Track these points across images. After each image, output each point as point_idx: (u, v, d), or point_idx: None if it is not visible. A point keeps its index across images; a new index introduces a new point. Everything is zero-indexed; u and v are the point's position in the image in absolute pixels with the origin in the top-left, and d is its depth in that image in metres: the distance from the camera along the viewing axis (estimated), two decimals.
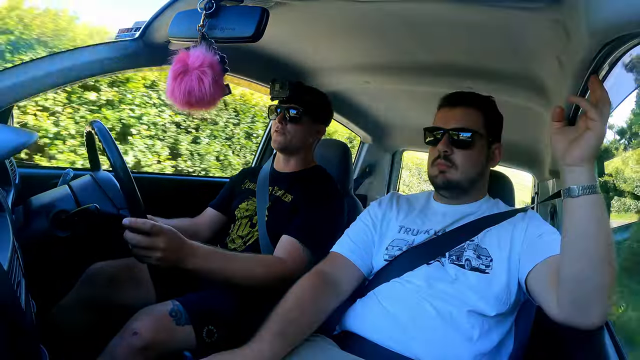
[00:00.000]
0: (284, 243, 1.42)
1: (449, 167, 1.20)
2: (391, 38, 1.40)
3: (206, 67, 0.91)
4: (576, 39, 0.86)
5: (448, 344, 1.03)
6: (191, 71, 0.91)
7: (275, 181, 1.64)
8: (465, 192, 1.24)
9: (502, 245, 1.12)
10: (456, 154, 1.20)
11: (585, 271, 0.86)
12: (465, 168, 1.20)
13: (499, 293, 1.07)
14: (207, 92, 0.91)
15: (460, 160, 1.20)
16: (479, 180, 1.25)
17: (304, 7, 1.22)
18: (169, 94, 0.94)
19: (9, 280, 0.69)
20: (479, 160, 1.23)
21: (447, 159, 1.20)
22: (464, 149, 1.20)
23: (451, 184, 1.21)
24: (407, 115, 2.44)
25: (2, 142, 0.92)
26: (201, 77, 0.91)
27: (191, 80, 0.91)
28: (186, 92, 0.91)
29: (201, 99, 0.92)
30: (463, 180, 1.21)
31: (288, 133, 1.60)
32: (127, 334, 1.13)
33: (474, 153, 1.21)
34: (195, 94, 0.91)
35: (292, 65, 1.82)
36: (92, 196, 1.25)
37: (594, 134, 0.83)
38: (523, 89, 1.53)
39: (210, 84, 0.91)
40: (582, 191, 0.85)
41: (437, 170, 1.22)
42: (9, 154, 1.03)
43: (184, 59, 0.92)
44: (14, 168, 1.21)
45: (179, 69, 0.92)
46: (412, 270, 1.14)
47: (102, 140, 1.16)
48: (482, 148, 1.23)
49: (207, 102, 0.93)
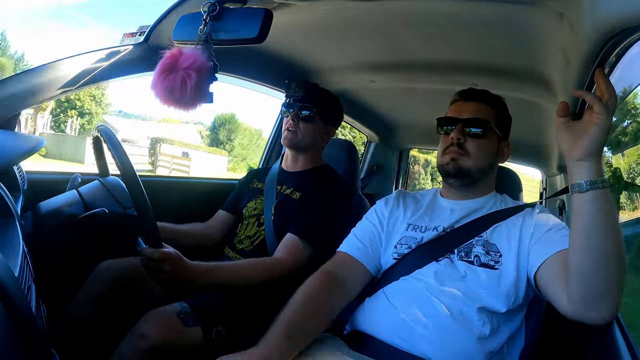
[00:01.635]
0: (286, 241, 1.44)
1: (461, 154, 1.20)
2: (395, 36, 1.39)
3: (192, 70, 0.90)
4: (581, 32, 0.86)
5: (458, 341, 1.02)
6: (177, 70, 0.91)
7: (283, 180, 1.65)
8: (473, 184, 1.23)
9: (511, 240, 1.11)
10: (469, 143, 1.20)
11: (595, 266, 0.86)
12: (477, 156, 1.20)
13: (508, 289, 1.06)
14: (187, 94, 0.91)
15: (473, 148, 1.20)
16: (488, 173, 1.25)
17: (307, 7, 1.22)
18: (152, 86, 0.94)
19: (19, 286, 0.69)
20: (491, 151, 1.23)
21: (460, 146, 1.20)
22: (477, 138, 1.21)
23: (462, 171, 1.21)
24: (413, 113, 2.45)
25: (11, 149, 0.93)
26: (185, 79, 0.90)
27: (175, 80, 0.90)
28: (167, 89, 0.91)
29: (180, 101, 0.92)
30: (474, 168, 1.20)
31: (299, 131, 1.61)
32: (135, 336, 1.14)
33: (486, 143, 1.21)
34: (176, 94, 0.91)
35: (297, 65, 1.83)
36: (100, 200, 1.25)
37: (600, 128, 0.82)
38: (528, 84, 1.53)
39: (192, 87, 0.90)
40: (589, 186, 0.85)
41: (449, 158, 1.21)
42: (18, 160, 1.04)
43: (175, 57, 0.92)
44: (22, 174, 1.22)
45: (167, 65, 0.92)
46: (421, 268, 1.13)
47: (110, 144, 1.17)
48: (494, 141, 1.23)
49: (185, 104, 0.93)
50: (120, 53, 1.29)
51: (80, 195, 1.25)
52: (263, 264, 1.38)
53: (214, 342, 1.24)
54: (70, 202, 1.23)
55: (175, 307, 1.23)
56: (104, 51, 1.28)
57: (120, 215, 1.25)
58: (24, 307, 0.65)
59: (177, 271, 1.17)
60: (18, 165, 1.20)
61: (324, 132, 1.68)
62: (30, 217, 1.16)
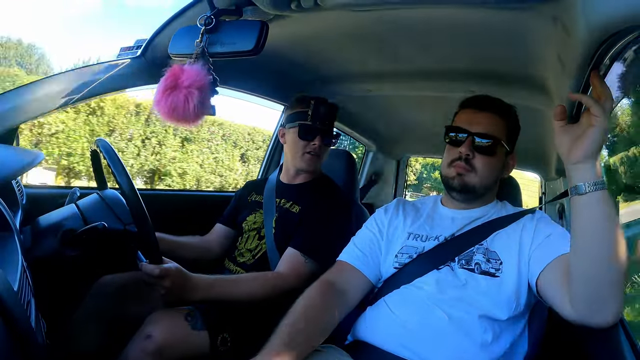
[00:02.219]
0: (287, 256, 1.42)
1: (468, 170, 1.18)
2: (390, 45, 1.40)
3: (194, 89, 0.92)
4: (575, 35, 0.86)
5: (460, 349, 1.02)
6: (180, 89, 0.92)
7: (282, 193, 1.64)
8: (477, 198, 1.23)
9: (511, 247, 1.11)
10: (477, 159, 1.18)
11: (596, 269, 0.86)
12: (484, 174, 1.19)
13: (509, 296, 1.06)
14: (191, 112, 0.92)
15: (481, 165, 1.18)
16: (492, 188, 1.25)
17: (303, 19, 1.22)
18: (155, 104, 0.95)
19: (19, 301, 0.69)
20: (497, 169, 1.22)
21: (467, 162, 1.18)
22: (485, 154, 1.18)
23: (467, 187, 1.19)
24: (410, 121, 2.45)
25: (9, 163, 0.93)
26: (187, 98, 0.91)
27: (178, 98, 0.92)
28: (171, 107, 0.92)
29: (184, 117, 0.93)
30: (479, 185, 1.19)
31: (322, 155, 1.62)
32: (141, 337, 1.15)
33: (494, 161, 1.19)
34: (179, 111, 0.92)
35: (294, 76, 1.83)
36: (99, 214, 1.25)
37: (598, 130, 0.83)
38: (525, 88, 1.53)
39: (196, 105, 0.92)
40: (589, 188, 0.85)
41: (455, 172, 1.20)
42: (16, 174, 1.04)
43: (176, 74, 0.93)
44: (20, 188, 1.22)
45: (169, 84, 0.93)
46: (422, 276, 1.13)
47: (108, 158, 1.17)
48: (501, 157, 1.21)
49: (189, 120, 0.95)
50: (118, 67, 1.30)
51: (79, 210, 1.25)
52: (264, 278, 1.37)
53: (218, 349, 1.24)
54: (69, 216, 1.23)
55: (183, 310, 1.24)
56: (102, 65, 1.28)
57: (120, 232, 1.24)
58: (24, 321, 0.65)
59: (178, 286, 1.15)
60: (17, 180, 1.20)
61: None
62: (29, 231, 1.16)
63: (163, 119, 0.96)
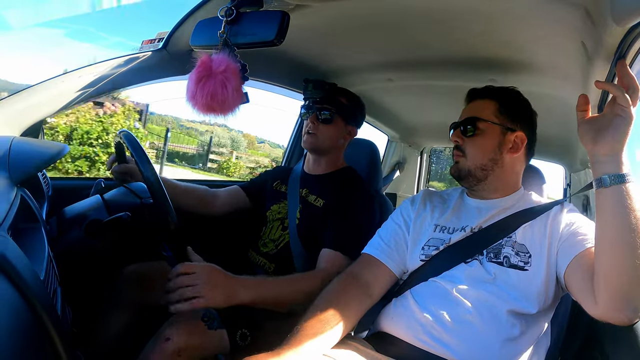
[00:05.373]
0: (325, 256, 1.40)
1: (460, 156, 1.22)
2: (410, 33, 1.38)
3: (230, 73, 0.91)
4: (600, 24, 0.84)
5: (486, 343, 1.01)
6: (215, 75, 0.91)
7: (305, 183, 1.64)
8: (481, 181, 1.21)
9: (540, 240, 1.08)
10: (466, 143, 1.22)
11: (620, 264, 0.83)
12: (472, 155, 1.20)
13: (539, 289, 1.04)
14: (229, 97, 0.91)
15: (469, 148, 1.21)
16: (495, 169, 1.20)
17: (324, 8, 1.22)
18: (190, 97, 0.93)
19: (45, 289, 0.70)
20: (489, 147, 1.20)
21: (458, 148, 1.22)
22: (472, 137, 1.21)
23: (462, 172, 1.22)
24: (432, 111, 2.41)
25: (35, 155, 0.95)
26: (225, 82, 0.90)
27: (215, 84, 0.90)
28: (209, 95, 0.91)
29: (223, 103, 0.92)
30: (473, 167, 1.20)
31: (319, 133, 1.59)
32: (160, 340, 1.15)
33: (481, 140, 1.20)
34: (218, 98, 0.91)
35: (315, 66, 1.82)
36: (124, 205, 1.27)
37: (624, 120, 0.81)
38: (547, 77, 1.50)
39: (233, 89, 0.91)
40: (613, 181, 0.83)
41: (454, 162, 1.25)
42: (42, 167, 1.06)
43: (207, 63, 0.92)
44: (46, 180, 1.25)
45: (202, 72, 0.92)
46: (449, 270, 1.11)
47: (132, 149, 1.18)
48: (493, 135, 1.20)
49: (227, 107, 0.93)
50: (139, 59, 1.31)
51: (103, 200, 1.27)
52: (314, 275, 1.33)
53: (238, 344, 1.24)
54: (94, 206, 1.25)
55: (199, 311, 1.23)
56: (124, 58, 1.30)
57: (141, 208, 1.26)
58: (50, 309, 0.66)
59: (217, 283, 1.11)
60: (42, 172, 1.23)
61: (345, 133, 1.65)
62: (55, 222, 1.18)
63: (200, 112, 0.94)
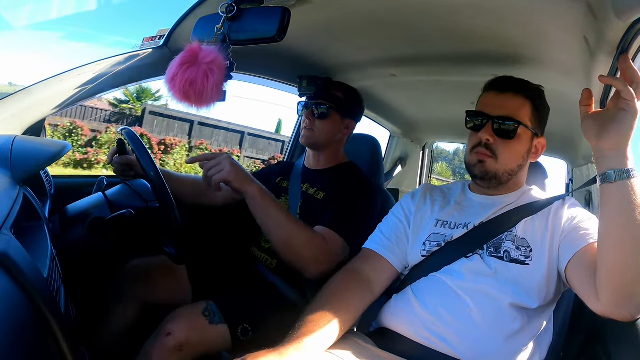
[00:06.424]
0: (320, 229, 1.38)
1: (489, 156, 1.14)
2: (413, 29, 1.38)
3: (215, 66, 0.91)
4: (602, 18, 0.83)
5: (487, 338, 1.01)
6: (200, 64, 0.90)
7: (306, 178, 1.64)
8: (502, 184, 1.18)
9: (541, 234, 1.08)
10: (498, 144, 1.13)
11: (624, 260, 0.83)
12: (505, 160, 1.14)
13: (540, 284, 1.04)
14: (207, 90, 0.91)
15: (502, 150, 1.13)
16: (518, 173, 1.19)
17: (325, 3, 1.21)
18: (169, 80, 0.93)
19: (48, 287, 0.71)
20: (521, 153, 1.16)
21: (488, 147, 1.14)
22: (507, 139, 1.13)
23: (489, 174, 1.15)
24: (435, 107, 2.41)
25: (38, 154, 0.95)
26: (207, 73, 0.90)
27: (197, 73, 0.90)
28: (188, 82, 0.90)
29: (200, 94, 0.91)
30: (501, 171, 1.15)
31: (316, 129, 1.59)
32: (161, 335, 1.16)
33: (517, 145, 1.14)
34: (197, 87, 0.90)
35: (318, 62, 1.82)
36: (126, 202, 1.27)
37: (629, 115, 0.80)
38: (550, 72, 1.49)
39: (214, 83, 0.91)
40: (618, 176, 0.82)
41: (476, 159, 1.16)
42: (44, 165, 1.06)
43: (195, 51, 0.91)
44: (49, 178, 1.25)
45: (188, 58, 0.91)
46: (450, 264, 1.11)
47: (134, 146, 1.18)
48: (526, 141, 1.16)
49: (204, 100, 0.93)
50: (140, 57, 1.31)
51: (106, 198, 1.27)
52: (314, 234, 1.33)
53: (239, 339, 1.25)
54: (97, 204, 1.26)
55: (200, 305, 1.24)
56: (124, 56, 1.29)
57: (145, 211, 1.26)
58: (54, 307, 0.66)
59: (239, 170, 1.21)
60: (45, 170, 1.23)
61: (342, 127, 1.64)
62: (58, 219, 1.19)
63: (175, 97, 0.94)
